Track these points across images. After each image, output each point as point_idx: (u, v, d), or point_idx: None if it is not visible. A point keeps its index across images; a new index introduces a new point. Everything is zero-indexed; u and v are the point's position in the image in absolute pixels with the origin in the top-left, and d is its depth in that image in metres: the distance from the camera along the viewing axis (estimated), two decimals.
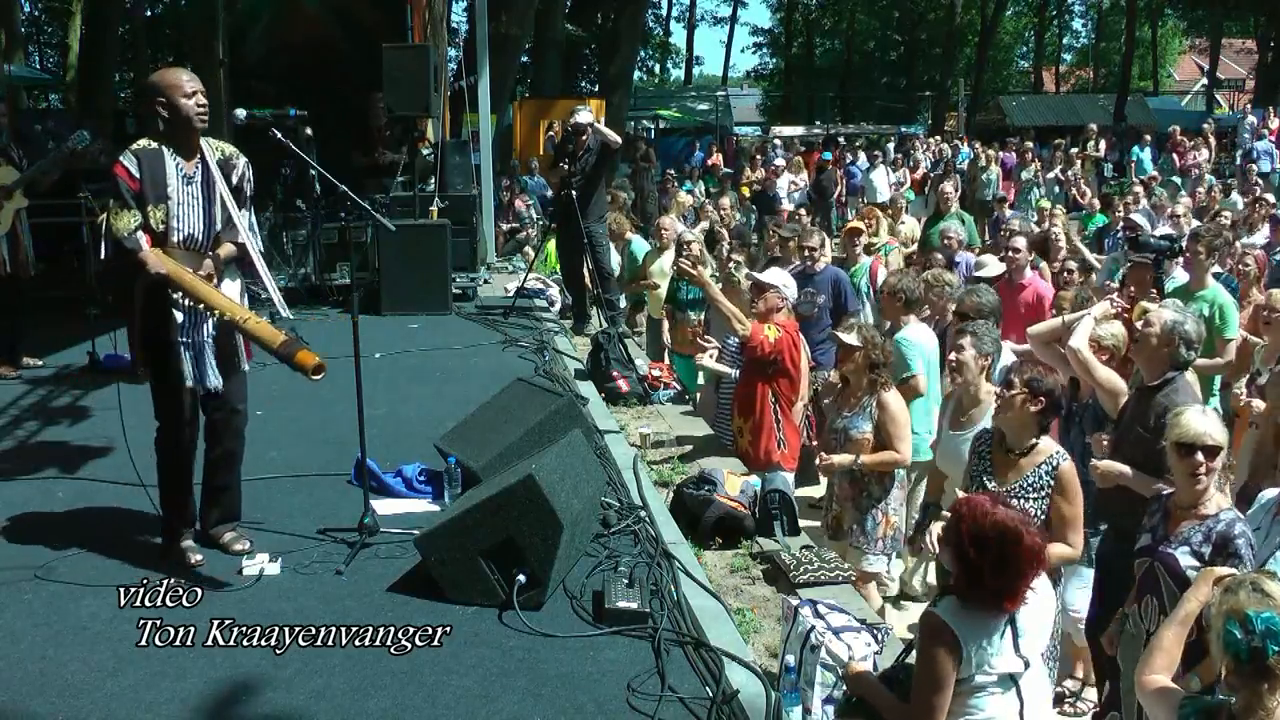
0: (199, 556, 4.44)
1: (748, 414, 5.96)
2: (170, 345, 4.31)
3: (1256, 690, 2.47)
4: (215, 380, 4.40)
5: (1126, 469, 4.23)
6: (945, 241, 8.40)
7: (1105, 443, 4.52)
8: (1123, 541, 4.03)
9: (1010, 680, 2.98)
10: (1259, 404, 5.22)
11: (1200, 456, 3.51)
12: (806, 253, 7.55)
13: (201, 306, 4.29)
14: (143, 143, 4.30)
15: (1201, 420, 3.55)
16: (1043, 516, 4.00)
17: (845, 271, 8.61)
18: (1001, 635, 2.95)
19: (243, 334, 4.37)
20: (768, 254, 8.69)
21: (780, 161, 20.25)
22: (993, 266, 7.58)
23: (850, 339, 5.16)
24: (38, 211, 9.10)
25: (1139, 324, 4.60)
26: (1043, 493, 4.05)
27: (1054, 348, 5.16)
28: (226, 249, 4.43)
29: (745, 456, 5.95)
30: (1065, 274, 7.27)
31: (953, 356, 4.89)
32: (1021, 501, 3.97)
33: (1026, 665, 3.01)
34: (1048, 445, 4.15)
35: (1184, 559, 3.45)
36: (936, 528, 3.90)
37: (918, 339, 6.02)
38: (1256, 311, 6.79)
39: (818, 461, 5.26)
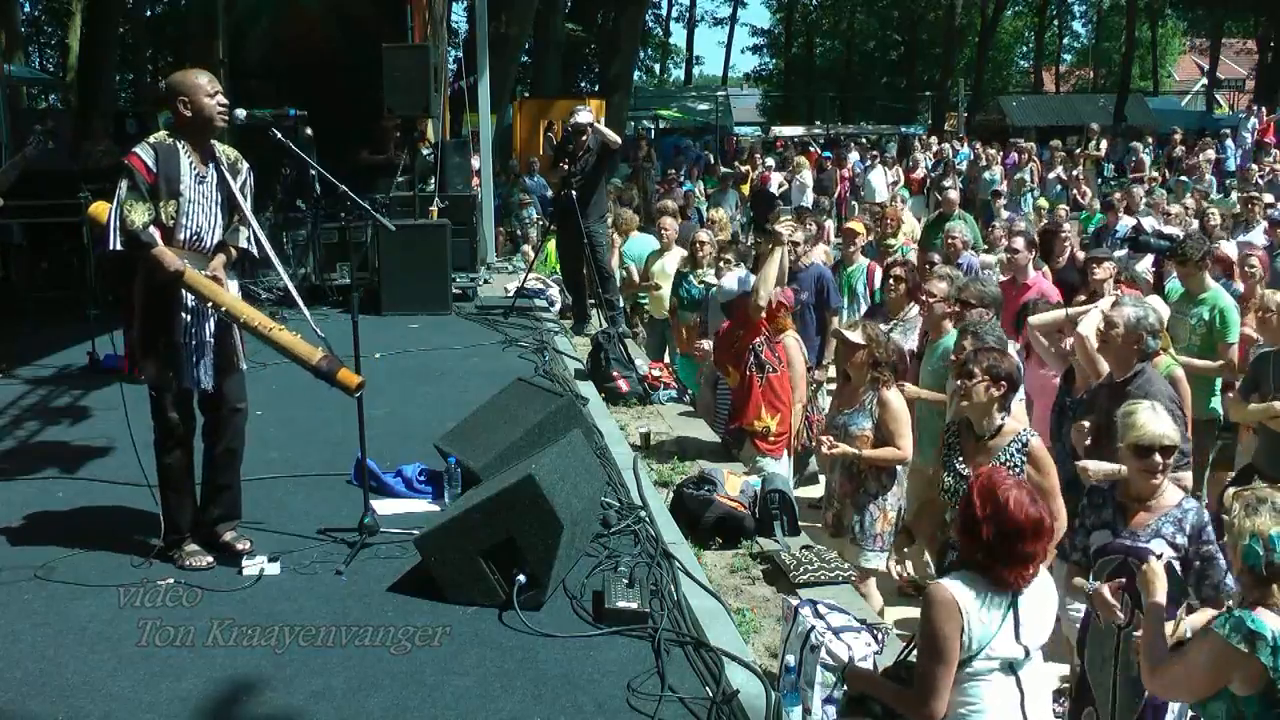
0: (208, 559, 4.44)
1: (776, 408, 5.90)
2: (173, 346, 4.31)
3: (1266, 591, 2.84)
4: (210, 381, 4.40)
5: (1117, 467, 4.24)
6: (949, 242, 8.38)
7: (1086, 430, 4.56)
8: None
9: (1010, 669, 3.00)
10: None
11: (1158, 457, 3.58)
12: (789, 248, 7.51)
13: (223, 310, 4.29)
14: (160, 136, 4.31)
15: (1156, 422, 3.60)
16: None
17: (841, 273, 8.61)
18: (1004, 617, 2.97)
19: (272, 346, 4.35)
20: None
21: (771, 161, 20.30)
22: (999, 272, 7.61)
23: (855, 337, 5.18)
24: (38, 212, 9.14)
25: (1102, 326, 4.65)
26: (1017, 469, 4.15)
27: (1054, 340, 5.18)
28: (229, 252, 4.43)
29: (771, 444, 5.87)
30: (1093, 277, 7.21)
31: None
32: None
33: (1027, 654, 3.02)
34: (1013, 425, 4.29)
35: (1161, 550, 3.50)
36: None
37: None
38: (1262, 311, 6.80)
39: (823, 449, 5.23)
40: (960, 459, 4.32)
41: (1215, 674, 2.87)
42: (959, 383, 4.31)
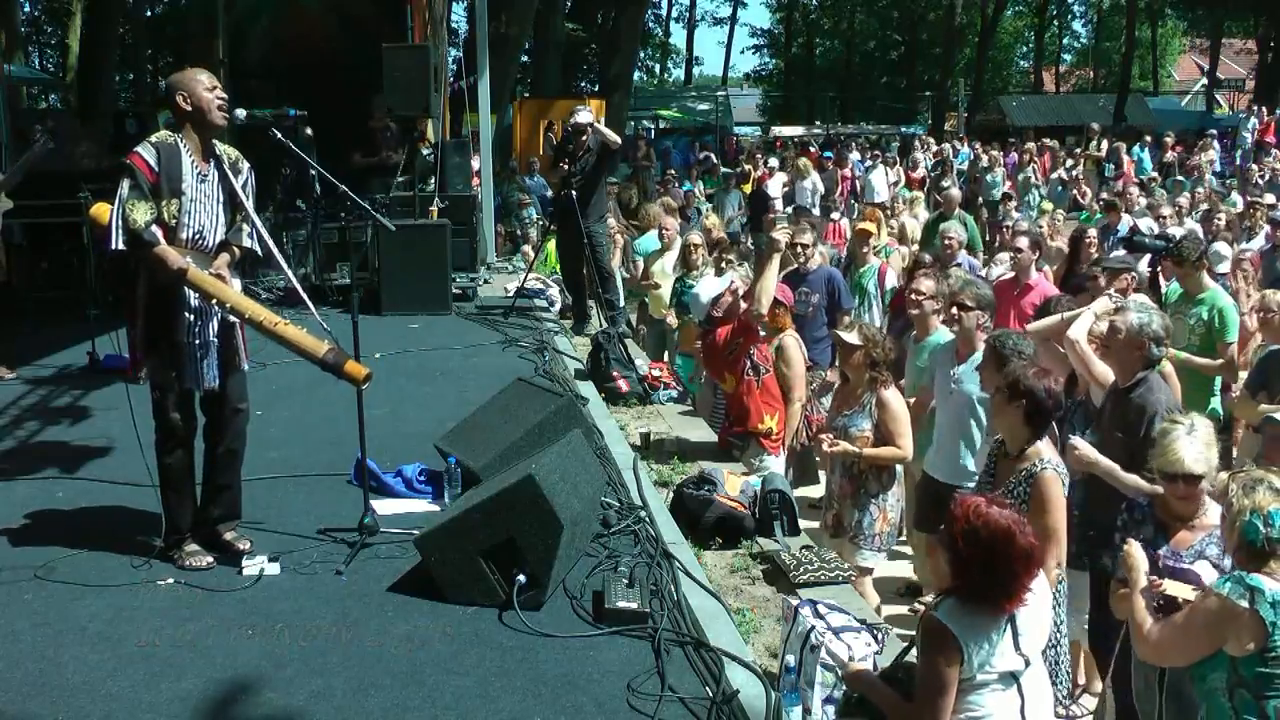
0: (208, 559, 4.44)
1: (774, 407, 5.94)
2: (176, 346, 4.31)
3: (1262, 565, 2.99)
4: (213, 381, 4.40)
5: (1101, 459, 4.24)
6: (945, 243, 8.39)
7: (1077, 450, 4.53)
8: (1102, 546, 4.06)
9: (1011, 678, 2.99)
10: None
11: (1184, 485, 3.54)
12: (798, 250, 7.52)
13: (228, 307, 4.30)
14: (162, 135, 4.31)
15: (1186, 449, 3.51)
16: None
17: (853, 272, 8.62)
18: (1001, 634, 2.95)
19: (278, 341, 4.34)
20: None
21: (775, 161, 20.32)
22: (1002, 269, 7.61)
23: (851, 338, 5.18)
24: (38, 212, 9.15)
25: (1103, 329, 4.63)
26: (1021, 500, 3.93)
27: (1053, 345, 5.18)
28: (232, 251, 4.44)
29: (773, 442, 5.89)
30: (1092, 279, 7.20)
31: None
32: None
33: (1027, 663, 3.01)
34: (1035, 451, 4.03)
35: (1206, 573, 3.42)
36: None
37: None
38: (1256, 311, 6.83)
39: (823, 447, 5.23)
40: (991, 477, 4.21)
41: (1213, 632, 2.95)
42: (991, 394, 4.26)
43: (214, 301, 4.29)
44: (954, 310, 5.54)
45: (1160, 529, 3.65)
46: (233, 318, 4.40)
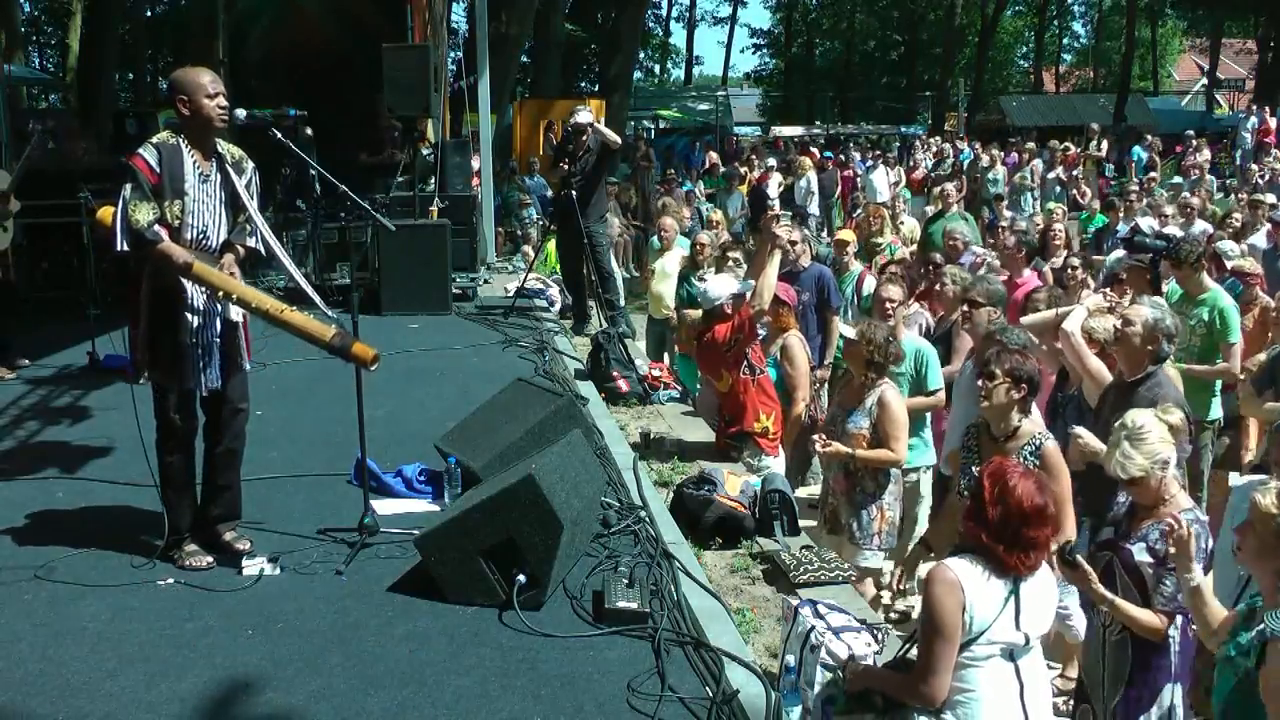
0: (208, 559, 4.44)
1: (770, 407, 5.95)
2: (179, 346, 4.31)
3: None
4: (216, 381, 4.41)
5: (1101, 446, 4.25)
6: (951, 242, 8.39)
7: (1081, 439, 4.56)
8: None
9: (1010, 656, 3.00)
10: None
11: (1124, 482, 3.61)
12: (791, 247, 7.51)
13: (234, 299, 4.29)
14: (163, 136, 4.31)
15: (1116, 454, 3.58)
16: None
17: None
18: (1005, 602, 2.98)
19: (285, 328, 4.34)
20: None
21: (772, 161, 20.35)
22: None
23: (850, 334, 5.20)
24: (38, 212, 9.14)
25: (1119, 324, 4.65)
26: None
27: (1045, 340, 5.19)
28: (236, 251, 4.43)
29: (770, 441, 5.92)
30: (1069, 270, 7.29)
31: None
32: None
33: (1027, 643, 3.03)
34: (1030, 427, 4.24)
35: (1139, 554, 3.54)
36: None
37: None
38: (1262, 312, 6.83)
39: (817, 447, 5.24)
40: (977, 462, 4.27)
41: None
42: (980, 384, 4.29)
43: (220, 294, 4.29)
44: (965, 307, 5.56)
45: (1130, 512, 3.78)
46: (238, 308, 4.40)
